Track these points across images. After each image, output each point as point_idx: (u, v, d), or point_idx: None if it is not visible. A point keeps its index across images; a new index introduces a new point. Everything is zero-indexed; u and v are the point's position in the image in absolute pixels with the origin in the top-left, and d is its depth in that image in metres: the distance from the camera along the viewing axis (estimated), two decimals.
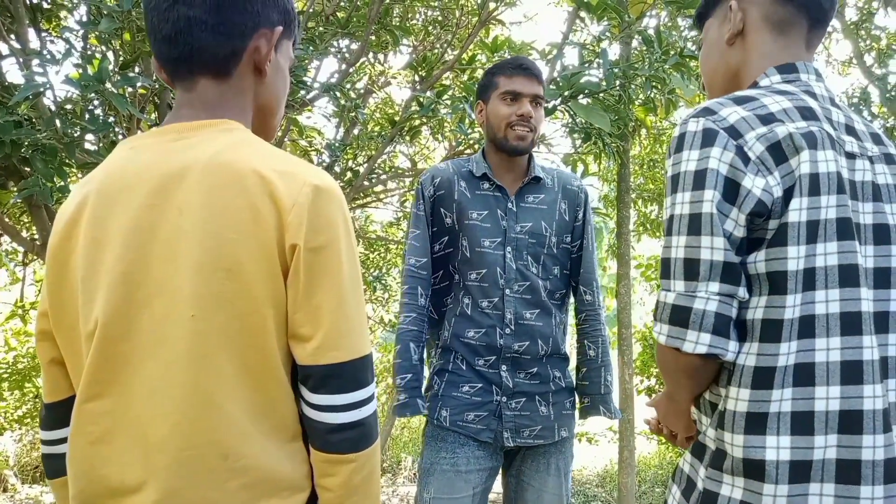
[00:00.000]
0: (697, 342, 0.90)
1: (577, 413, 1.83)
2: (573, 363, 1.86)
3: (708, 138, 0.92)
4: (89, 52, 2.39)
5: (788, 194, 0.89)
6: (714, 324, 0.89)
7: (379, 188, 4.24)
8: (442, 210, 1.77)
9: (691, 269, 0.91)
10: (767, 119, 0.93)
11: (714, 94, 1.16)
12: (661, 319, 0.94)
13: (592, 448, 5.22)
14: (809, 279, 0.89)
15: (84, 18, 2.56)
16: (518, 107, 1.73)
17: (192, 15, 0.80)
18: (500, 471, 1.82)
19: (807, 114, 0.94)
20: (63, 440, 0.86)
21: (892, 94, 3.59)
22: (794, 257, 0.89)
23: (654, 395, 1.18)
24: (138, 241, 0.76)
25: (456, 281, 1.77)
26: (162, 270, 0.75)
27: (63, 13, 2.95)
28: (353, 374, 0.77)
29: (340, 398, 0.77)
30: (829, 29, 5.69)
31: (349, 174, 3.94)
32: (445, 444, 1.70)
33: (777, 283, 0.90)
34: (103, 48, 2.31)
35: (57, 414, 0.87)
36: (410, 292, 1.75)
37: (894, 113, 4.27)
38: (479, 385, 1.71)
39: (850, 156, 0.96)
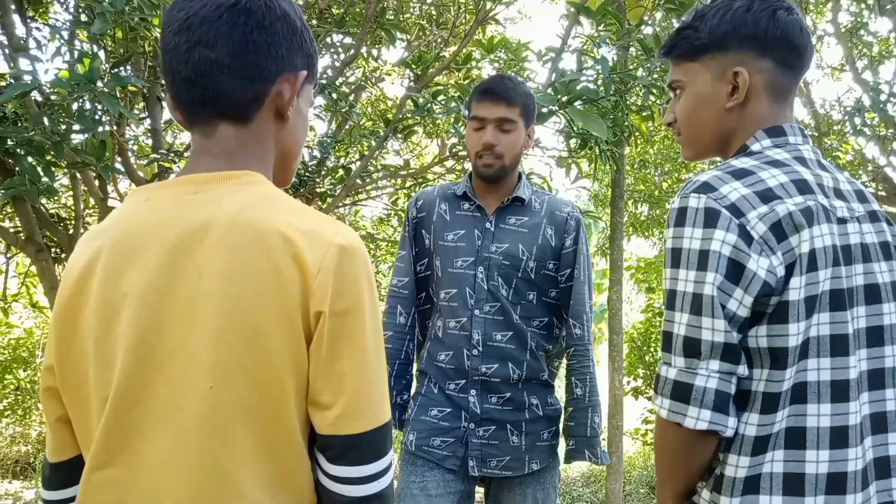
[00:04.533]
0: (699, 418, 0.91)
1: (558, 444, 1.77)
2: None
3: (711, 218, 0.93)
4: (77, 49, 2.32)
5: (789, 271, 0.91)
6: (714, 401, 0.91)
7: (371, 186, 4.20)
8: (423, 232, 1.78)
9: (692, 347, 0.92)
10: (767, 196, 0.93)
11: (695, 149, 1.13)
12: (663, 394, 0.95)
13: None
14: (804, 349, 0.92)
15: (71, 10, 2.49)
16: (482, 134, 1.67)
17: (214, 57, 0.76)
18: (483, 498, 1.80)
19: (802, 187, 0.96)
20: (67, 500, 0.83)
21: (884, 105, 3.62)
22: (795, 333, 0.91)
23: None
24: (155, 301, 0.72)
25: (435, 303, 1.76)
26: (179, 334, 0.72)
27: (50, 3, 2.87)
28: (373, 443, 0.75)
29: (359, 470, 0.74)
30: (820, 33, 5.71)
31: (341, 171, 3.90)
32: (415, 467, 1.68)
33: (778, 358, 0.92)
34: (94, 46, 2.25)
35: (62, 474, 0.83)
36: (390, 311, 1.77)
37: (886, 121, 4.30)
38: (448, 410, 1.69)
39: (842, 221, 0.97)
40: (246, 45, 0.77)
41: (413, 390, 1.81)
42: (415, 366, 1.83)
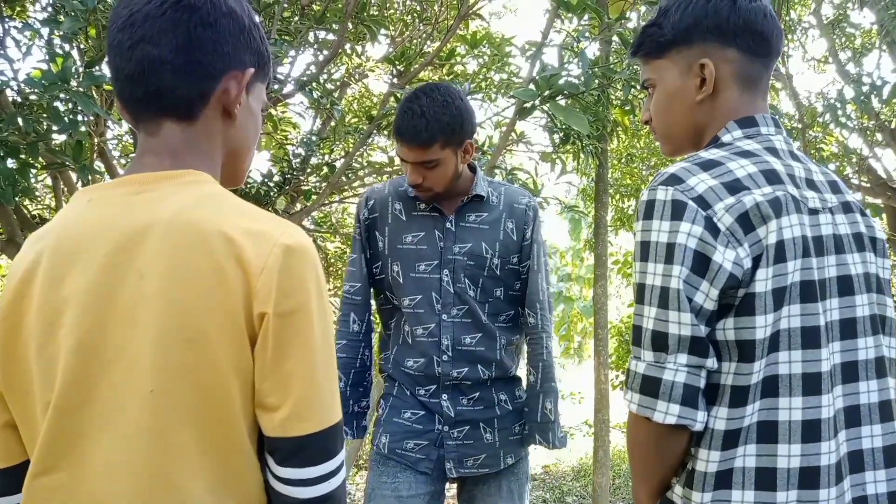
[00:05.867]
0: (667, 412, 0.91)
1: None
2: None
3: (677, 210, 0.92)
4: (55, 49, 2.30)
5: (756, 263, 0.91)
6: (683, 395, 0.90)
7: (357, 183, 4.18)
8: (376, 234, 1.71)
9: (660, 342, 0.92)
10: (735, 187, 0.93)
11: (671, 145, 1.14)
12: (633, 388, 0.95)
13: (568, 442, 5.26)
14: (774, 342, 0.91)
15: (49, 9, 2.46)
16: (408, 170, 1.60)
17: (157, 54, 0.75)
18: (456, 494, 1.80)
19: (771, 177, 0.95)
20: None
21: (865, 97, 3.63)
22: (762, 326, 0.91)
23: None
24: (96, 304, 0.71)
25: (397, 306, 1.71)
26: (121, 337, 0.71)
27: (27, 2, 2.84)
28: (322, 444, 0.74)
29: (309, 471, 0.73)
30: (806, 25, 5.73)
31: (325, 169, 3.89)
32: (387, 468, 1.67)
33: (745, 350, 0.92)
34: (66, 46, 2.23)
35: (10, 480, 0.81)
36: (343, 319, 1.72)
37: (867, 112, 4.32)
38: (422, 413, 1.67)
39: (813, 212, 0.97)
40: (190, 41, 0.76)
41: (380, 392, 1.79)
42: (373, 371, 1.80)
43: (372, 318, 1.78)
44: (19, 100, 2.30)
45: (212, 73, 0.78)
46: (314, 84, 3.23)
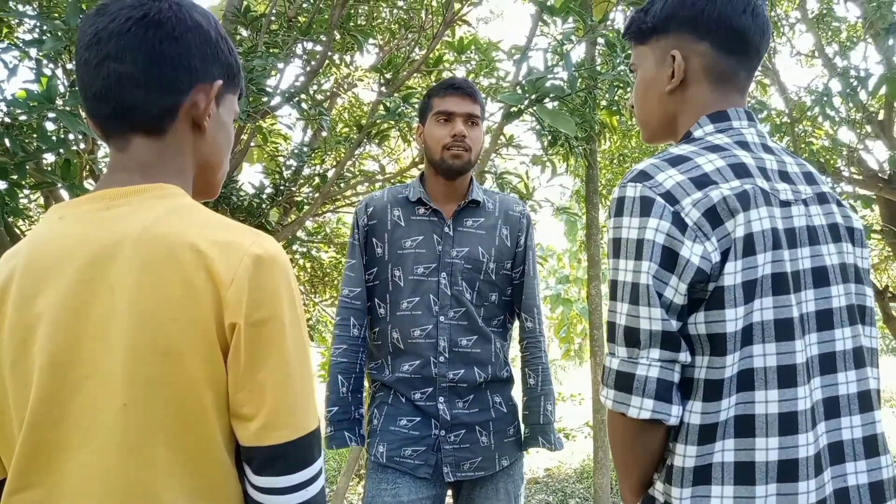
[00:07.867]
0: (641, 407, 0.91)
1: (521, 436, 1.80)
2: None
3: (646, 206, 0.93)
4: (43, 69, 2.31)
5: (724, 257, 0.91)
6: (656, 389, 0.91)
7: (349, 192, 4.19)
8: (374, 240, 1.74)
9: (632, 337, 0.93)
10: (702, 182, 0.94)
11: (647, 132, 1.16)
12: (608, 384, 0.95)
13: (570, 444, 5.26)
14: (747, 335, 0.91)
15: (36, 31, 2.47)
16: (451, 127, 1.69)
17: (123, 71, 0.76)
18: (452, 498, 1.80)
19: (740, 171, 0.96)
20: None
21: (850, 90, 3.65)
22: (733, 319, 0.91)
23: None
24: (69, 321, 0.72)
25: (382, 315, 1.73)
26: (94, 353, 0.71)
27: (13, 22, 2.85)
28: (299, 453, 0.75)
29: (286, 479, 0.74)
30: (793, 21, 5.75)
31: (317, 179, 3.90)
32: (386, 475, 1.68)
33: (717, 344, 0.92)
34: (51, 65, 2.24)
35: None
36: (342, 323, 1.74)
37: (855, 104, 4.34)
38: (418, 419, 1.68)
39: (785, 204, 0.97)
40: (155, 56, 0.77)
41: (374, 401, 1.79)
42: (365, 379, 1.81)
43: (367, 323, 1.79)
44: (8, 120, 2.31)
45: (179, 87, 0.79)
46: (303, 95, 3.24)
